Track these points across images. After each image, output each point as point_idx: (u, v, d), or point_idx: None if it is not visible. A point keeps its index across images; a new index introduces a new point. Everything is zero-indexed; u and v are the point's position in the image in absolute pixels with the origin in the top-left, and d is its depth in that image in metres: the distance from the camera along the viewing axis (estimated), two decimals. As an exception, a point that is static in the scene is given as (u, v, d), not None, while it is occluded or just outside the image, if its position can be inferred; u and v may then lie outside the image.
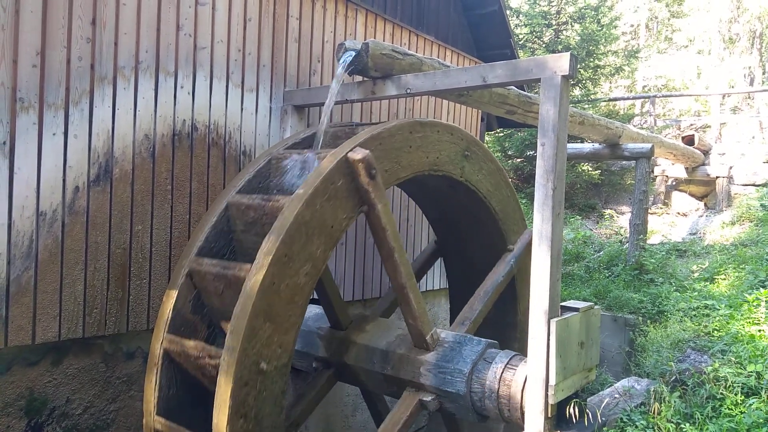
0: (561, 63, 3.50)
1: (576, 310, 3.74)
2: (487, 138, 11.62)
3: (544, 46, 15.16)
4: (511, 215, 5.06)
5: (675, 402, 3.85)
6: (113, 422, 4.10)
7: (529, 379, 3.53)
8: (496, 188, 4.88)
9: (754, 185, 12.83)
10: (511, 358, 3.85)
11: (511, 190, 5.08)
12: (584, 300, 6.85)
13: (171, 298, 3.67)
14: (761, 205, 11.28)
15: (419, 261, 5.65)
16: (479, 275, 4.99)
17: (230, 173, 4.66)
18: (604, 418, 3.78)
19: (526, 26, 15.43)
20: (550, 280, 3.49)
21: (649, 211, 11.70)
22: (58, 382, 3.81)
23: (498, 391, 3.73)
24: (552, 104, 3.51)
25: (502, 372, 3.77)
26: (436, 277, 7.02)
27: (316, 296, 5.23)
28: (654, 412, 3.82)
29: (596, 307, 3.97)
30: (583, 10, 15.24)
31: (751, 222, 11.19)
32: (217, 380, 3.10)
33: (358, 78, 4.52)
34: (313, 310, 4.83)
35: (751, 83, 21.20)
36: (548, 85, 3.54)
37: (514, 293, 5.16)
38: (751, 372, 4.07)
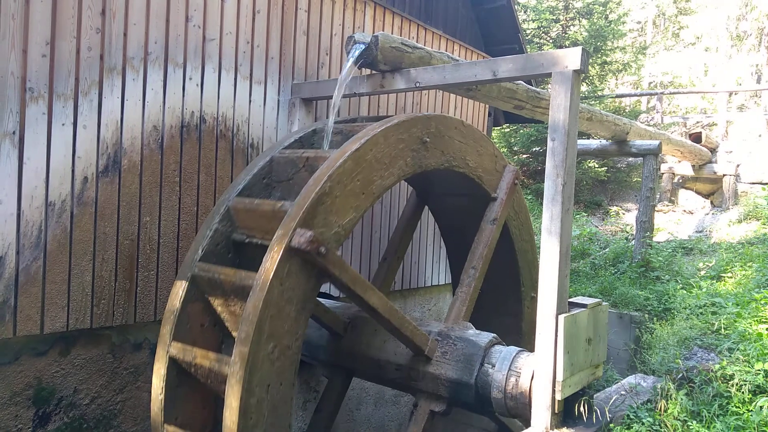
0: (572, 57, 3.48)
1: (584, 306, 3.73)
2: (493, 133, 11.58)
3: (551, 41, 15.10)
4: None
5: (682, 399, 3.83)
6: (120, 413, 4.11)
7: (536, 375, 3.53)
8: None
9: (761, 183, 12.76)
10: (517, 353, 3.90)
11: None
12: (590, 297, 6.84)
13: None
14: (768, 203, 11.21)
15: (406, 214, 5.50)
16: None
17: (238, 166, 4.65)
18: (610, 415, 3.78)
19: (533, 21, 15.37)
20: (559, 276, 3.48)
21: (656, 208, 11.64)
22: (65, 372, 3.82)
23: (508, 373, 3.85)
24: (563, 99, 3.49)
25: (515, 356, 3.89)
26: (441, 273, 7.01)
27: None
28: (660, 410, 3.81)
29: (604, 303, 3.95)
30: (591, 5, 15.16)
31: (758, 220, 11.13)
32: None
33: (366, 71, 4.50)
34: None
35: (759, 81, 21.06)
36: (559, 79, 3.51)
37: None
38: (759, 370, 4.04)
